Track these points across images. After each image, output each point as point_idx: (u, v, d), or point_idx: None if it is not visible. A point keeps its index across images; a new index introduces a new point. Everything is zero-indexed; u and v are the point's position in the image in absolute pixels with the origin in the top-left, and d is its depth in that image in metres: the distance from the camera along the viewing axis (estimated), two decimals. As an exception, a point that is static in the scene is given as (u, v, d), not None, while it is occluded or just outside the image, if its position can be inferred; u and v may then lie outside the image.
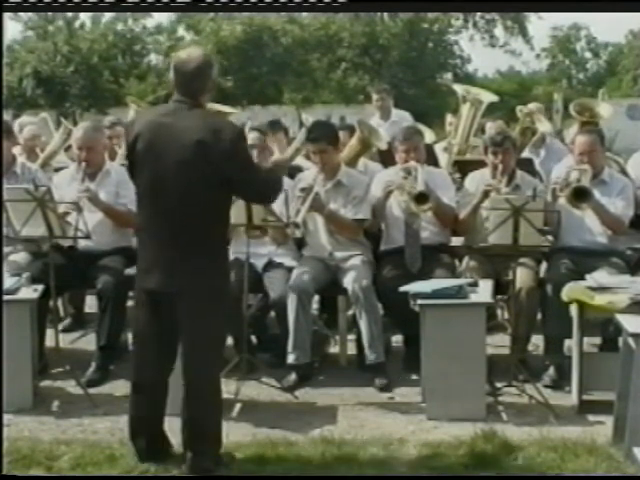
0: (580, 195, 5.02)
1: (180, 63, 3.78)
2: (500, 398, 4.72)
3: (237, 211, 4.78)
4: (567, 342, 5.05)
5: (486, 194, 5.20)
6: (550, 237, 5.29)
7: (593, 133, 5.37)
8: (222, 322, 3.89)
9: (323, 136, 5.32)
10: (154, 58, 29.37)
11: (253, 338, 5.54)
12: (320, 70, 28.11)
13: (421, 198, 5.13)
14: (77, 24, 28.78)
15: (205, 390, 3.83)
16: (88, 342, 5.72)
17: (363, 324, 5.06)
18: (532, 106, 7.74)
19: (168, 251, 3.73)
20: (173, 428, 4.00)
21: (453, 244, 5.72)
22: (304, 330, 5.09)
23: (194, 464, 3.80)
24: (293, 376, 5.07)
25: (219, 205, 3.78)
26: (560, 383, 4.93)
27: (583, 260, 5.11)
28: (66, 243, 5.37)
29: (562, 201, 5.13)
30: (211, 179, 3.67)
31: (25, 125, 7.40)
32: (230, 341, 5.39)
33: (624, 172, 5.79)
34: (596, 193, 5.17)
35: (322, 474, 3.82)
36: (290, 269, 5.30)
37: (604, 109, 6.61)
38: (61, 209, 4.94)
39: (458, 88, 7.05)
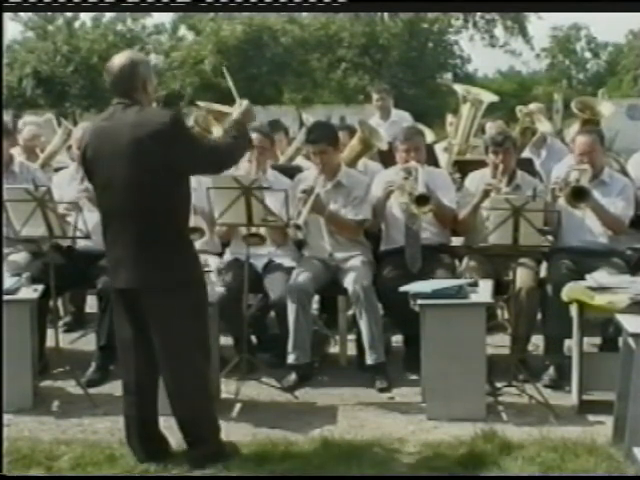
0: (579, 195, 5.02)
1: (109, 67, 3.86)
2: (500, 398, 4.72)
3: (237, 211, 4.79)
4: (567, 342, 5.05)
5: (486, 194, 5.20)
6: (550, 237, 5.29)
7: (593, 133, 5.37)
8: (194, 315, 3.84)
9: (323, 137, 5.31)
10: (154, 58, 29.33)
11: (253, 338, 5.55)
12: (320, 70, 28.11)
13: (422, 200, 5.13)
14: (77, 24, 28.80)
15: (183, 389, 3.83)
16: (88, 342, 5.72)
17: (363, 324, 5.06)
18: (532, 106, 7.73)
19: (128, 249, 3.77)
20: (173, 428, 4.00)
21: (453, 244, 5.73)
22: (304, 330, 5.09)
23: (195, 452, 3.85)
24: (293, 376, 5.06)
25: (171, 196, 3.77)
26: (560, 383, 4.93)
27: (583, 260, 5.11)
28: (65, 243, 5.37)
29: (562, 201, 5.13)
30: (155, 171, 3.70)
31: (29, 125, 7.41)
32: (230, 341, 5.41)
33: (624, 172, 5.79)
34: (596, 193, 5.17)
35: (322, 474, 3.82)
36: (290, 269, 5.29)
37: (605, 107, 6.60)
38: (61, 209, 4.94)
39: (458, 88, 7.05)
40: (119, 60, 3.84)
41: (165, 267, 3.76)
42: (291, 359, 5.10)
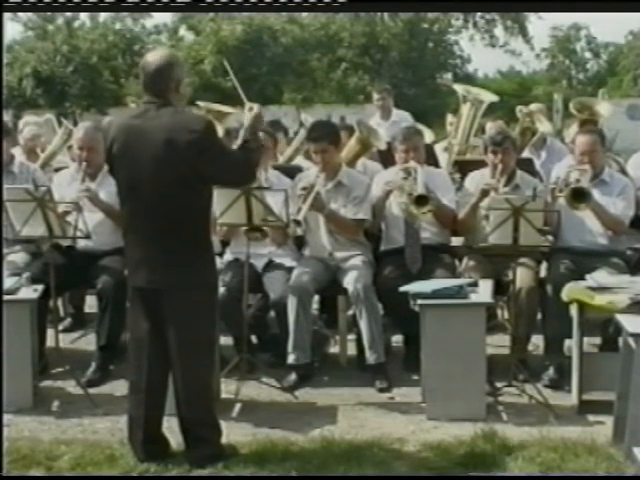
0: (579, 196, 5.02)
1: (144, 65, 3.86)
2: (500, 398, 4.72)
3: (237, 211, 4.78)
4: (567, 342, 5.05)
5: (484, 193, 5.20)
6: (550, 237, 5.29)
7: (594, 133, 5.36)
8: (209, 317, 3.90)
9: (325, 135, 5.31)
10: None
11: (253, 338, 5.54)
12: (320, 70, 28.13)
13: (421, 200, 5.13)
14: (77, 24, 28.81)
15: (193, 389, 3.86)
16: (88, 342, 5.72)
17: (363, 324, 5.06)
18: (533, 106, 7.72)
19: (151, 249, 3.80)
20: (173, 428, 4.01)
21: (453, 244, 5.72)
22: (304, 330, 5.09)
23: (195, 453, 3.87)
24: (293, 376, 5.06)
25: (196, 199, 3.80)
26: (560, 383, 4.93)
27: (583, 260, 5.10)
28: (65, 243, 5.37)
29: (562, 201, 5.13)
30: (184, 175, 3.71)
31: (29, 125, 7.41)
32: (230, 341, 5.41)
33: (623, 172, 5.79)
34: (597, 193, 5.17)
35: (322, 474, 3.82)
36: (290, 269, 5.29)
37: (604, 108, 6.60)
38: (61, 209, 4.94)
39: (458, 88, 7.05)
40: (155, 59, 3.83)
41: (186, 269, 3.78)
42: (291, 359, 5.09)
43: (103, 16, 28.93)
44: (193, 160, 3.68)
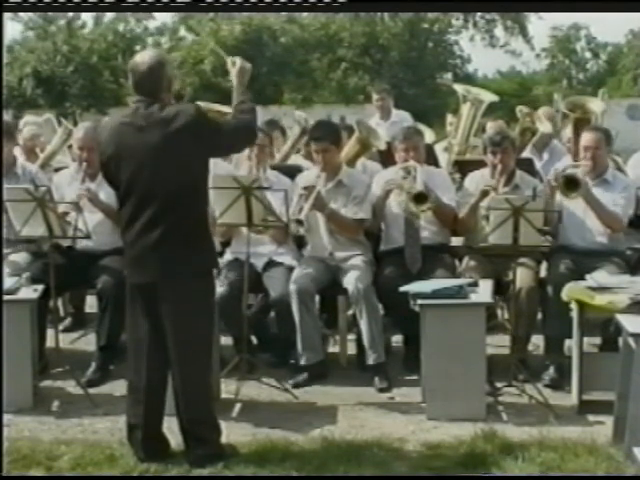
0: (571, 184, 5.01)
1: (134, 65, 3.91)
2: (500, 398, 4.72)
3: (237, 211, 4.79)
4: (567, 342, 5.05)
5: (484, 194, 5.20)
6: (550, 237, 5.29)
7: (599, 131, 5.35)
8: (207, 310, 3.94)
9: (327, 135, 5.32)
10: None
11: (253, 338, 5.54)
12: (320, 70, 28.13)
13: (420, 198, 5.13)
14: (78, 24, 28.80)
15: (192, 388, 3.87)
16: (88, 342, 5.72)
17: (363, 324, 5.07)
18: (541, 111, 7.65)
19: (148, 246, 3.81)
20: (173, 428, 4.01)
21: (453, 244, 5.72)
22: (311, 329, 5.10)
23: (195, 453, 3.87)
24: (304, 375, 5.07)
25: (192, 194, 3.82)
26: (560, 383, 4.93)
27: (583, 260, 5.11)
28: (65, 243, 5.38)
29: (559, 198, 5.13)
30: (189, 163, 3.76)
31: (28, 125, 7.40)
32: (230, 341, 5.41)
33: (620, 170, 5.78)
34: (599, 192, 5.17)
35: (322, 474, 3.82)
36: (290, 268, 5.30)
37: (596, 104, 6.56)
38: (61, 209, 4.95)
39: (458, 88, 7.05)
40: (147, 60, 3.87)
41: (186, 259, 3.80)
42: (303, 360, 5.10)
43: (105, 16, 28.96)
44: (195, 144, 3.74)
